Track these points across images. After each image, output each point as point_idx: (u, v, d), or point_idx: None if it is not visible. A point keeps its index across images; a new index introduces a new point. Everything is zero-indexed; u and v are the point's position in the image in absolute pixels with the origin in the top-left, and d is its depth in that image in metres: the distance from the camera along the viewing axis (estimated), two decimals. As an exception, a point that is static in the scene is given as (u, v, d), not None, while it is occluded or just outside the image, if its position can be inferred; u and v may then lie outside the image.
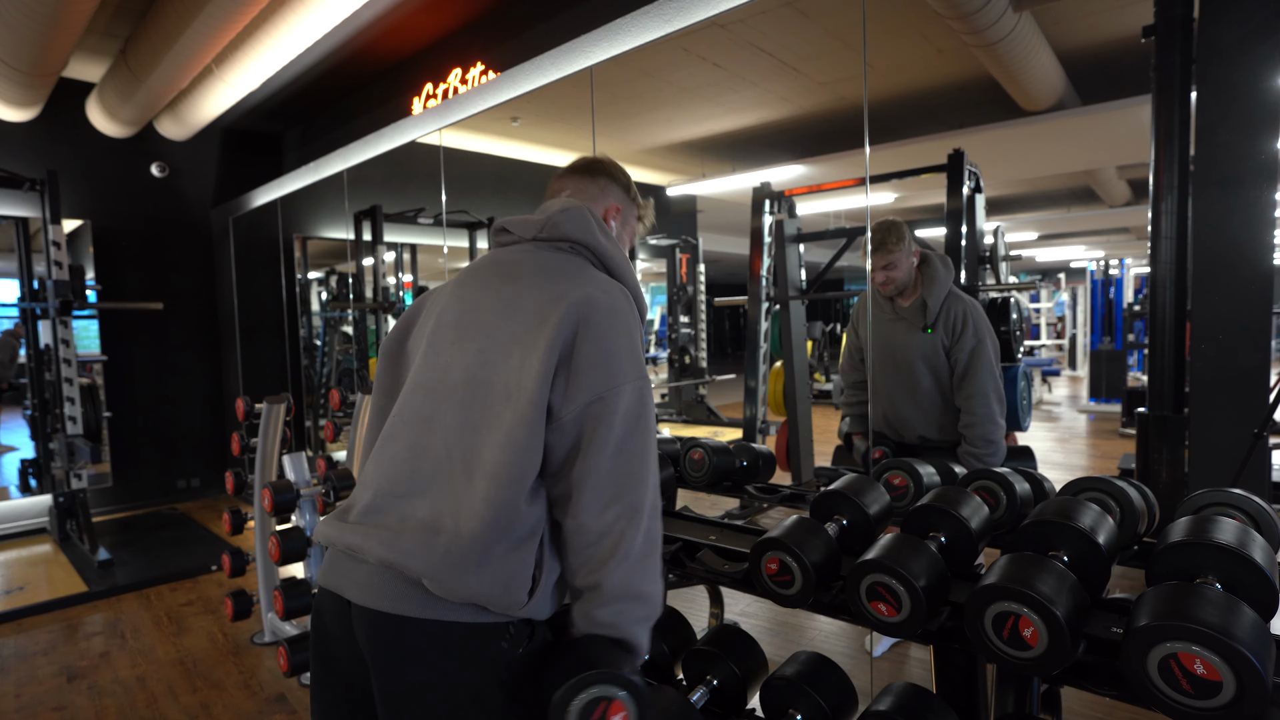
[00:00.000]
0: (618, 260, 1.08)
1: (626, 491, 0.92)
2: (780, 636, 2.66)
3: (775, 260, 4.04)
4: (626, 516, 0.91)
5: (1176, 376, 2.00)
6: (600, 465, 0.91)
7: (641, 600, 0.92)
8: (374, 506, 0.95)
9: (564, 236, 1.05)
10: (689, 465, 1.82)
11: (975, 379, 2.17)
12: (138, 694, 2.46)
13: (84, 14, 3.12)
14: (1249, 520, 1.15)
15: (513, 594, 0.89)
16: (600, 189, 1.18)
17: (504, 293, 1.01)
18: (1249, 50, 1.70)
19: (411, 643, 0.89)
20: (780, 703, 1.18)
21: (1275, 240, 1.74)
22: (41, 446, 4.76)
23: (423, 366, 1.01)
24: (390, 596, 0.89)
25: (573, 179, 1.18)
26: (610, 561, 0.90)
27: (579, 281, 0.99)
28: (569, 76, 2.58)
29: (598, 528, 0.91)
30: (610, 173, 1.20)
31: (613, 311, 0.97)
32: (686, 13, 2.12)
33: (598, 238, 1.06)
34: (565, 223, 1.05)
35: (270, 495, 2.44)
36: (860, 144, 2.20)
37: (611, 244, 1.08)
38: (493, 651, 0.90)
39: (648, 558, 0.93)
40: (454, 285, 1.08)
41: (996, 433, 2.16)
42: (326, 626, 0.99)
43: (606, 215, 1.17)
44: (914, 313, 2.27)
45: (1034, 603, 0.90)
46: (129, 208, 5.06)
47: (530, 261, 1.04)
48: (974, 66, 4.03)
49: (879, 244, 2.24)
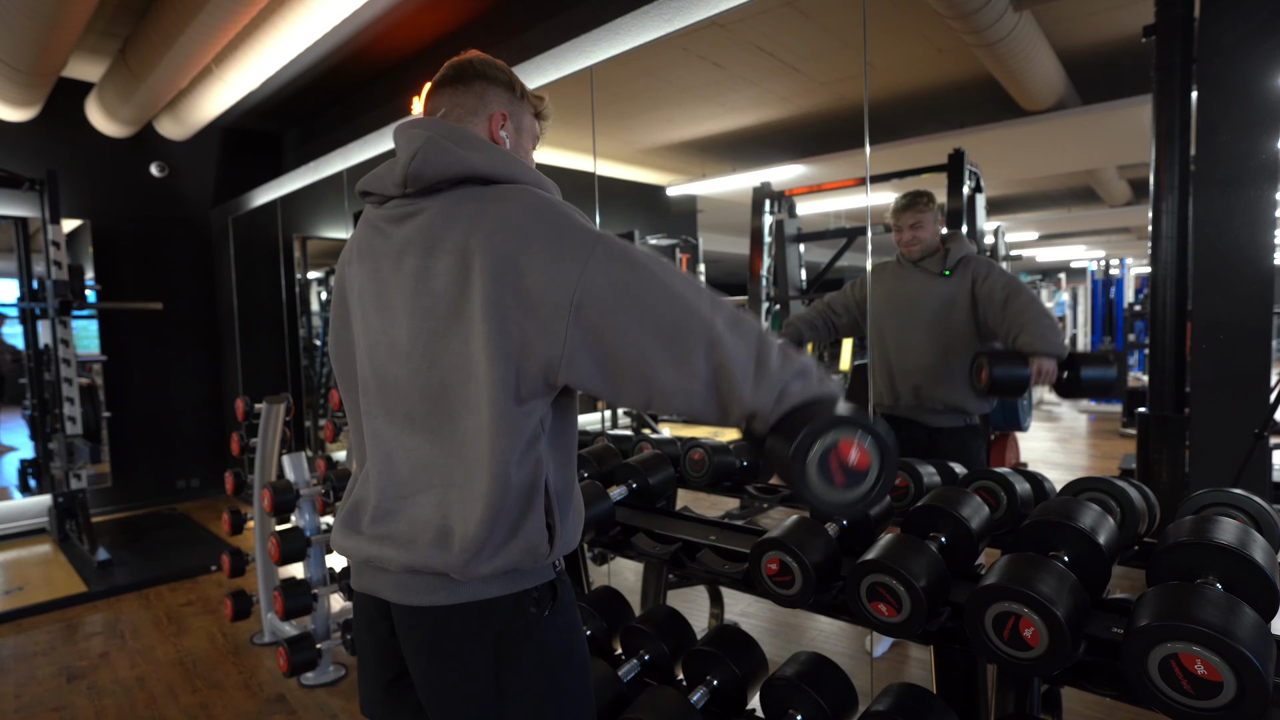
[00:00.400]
0: (507, 170, 0.89)
1: (687, 336, 0.80)
2: (780, 637, 2.66)
3: (775, 260, 4.04)
4: (713, 350, 0.80)
5: (1177, 376, 2.00)
6: (643, 350, 0.80)
7: (801, 375, 0.84)
8: (381, 511, 0.93)
9: (433, 181, 0.87)
10: (689, 465, 1.82)
11: (1019, 294, 2.03)
12: (137, 694, 2.46)
13: (83, 14, 3.11)
14: (1249, 520, 1.15)
15: (536, 552, 0.88)
16: (477, 97, 0.97)
17: (407, 261, 0.88)
18: (1250, 50, 1.70)
19: (448, 628, 0.89)
20: (780, 703, 1.18)
21: (1276, 240, 1.74)
22: (41, 446, 4.76)
23: (369, 355, 0.94)
24: (421, 590, 0.89)
25: (445, 92, 0.98)
26: (744, 387, 0.81)
27: (475, 216, 0.84)
28: (569, 76, 2.58)
29: (702, 389, 0.81)
30: (485, 73, 0.98)
31: (523, 215, 0.82)
32: (686, 12, 2.12)
33: (469, 161, 0.87)
34: (425, 167, 0.86)
35: (270, 495, 2.44)
36: (860, 144, 2.20)
37: (493, 156, 0.89)
38: (525, 619, 0.90)
39: (765, 356, 0.83)
40: (355, 259, 0.96)
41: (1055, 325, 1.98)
42: (368, 630, 1.00)
43: (492, 127, 0.97)
44: (933, 263, 2.23)
45: (1034, 603, 0.90)
46: (128, 207, 5.06)
47: (418, 219, 0.88)
48: (974, 66, 4.03)
49: (911, 202, 2.21)
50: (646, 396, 0.83)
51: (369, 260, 0.94)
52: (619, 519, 1.59)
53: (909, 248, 2.25)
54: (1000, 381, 1.93)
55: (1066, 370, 1.94)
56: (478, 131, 0.96)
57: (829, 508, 0.81)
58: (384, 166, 0.93)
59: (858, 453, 0.81)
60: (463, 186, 0.88)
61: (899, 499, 1.47)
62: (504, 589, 0.89)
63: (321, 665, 2.46)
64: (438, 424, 0.88)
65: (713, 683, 1.29)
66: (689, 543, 1.45)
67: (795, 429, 0.80)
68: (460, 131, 0.90)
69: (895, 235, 2.28)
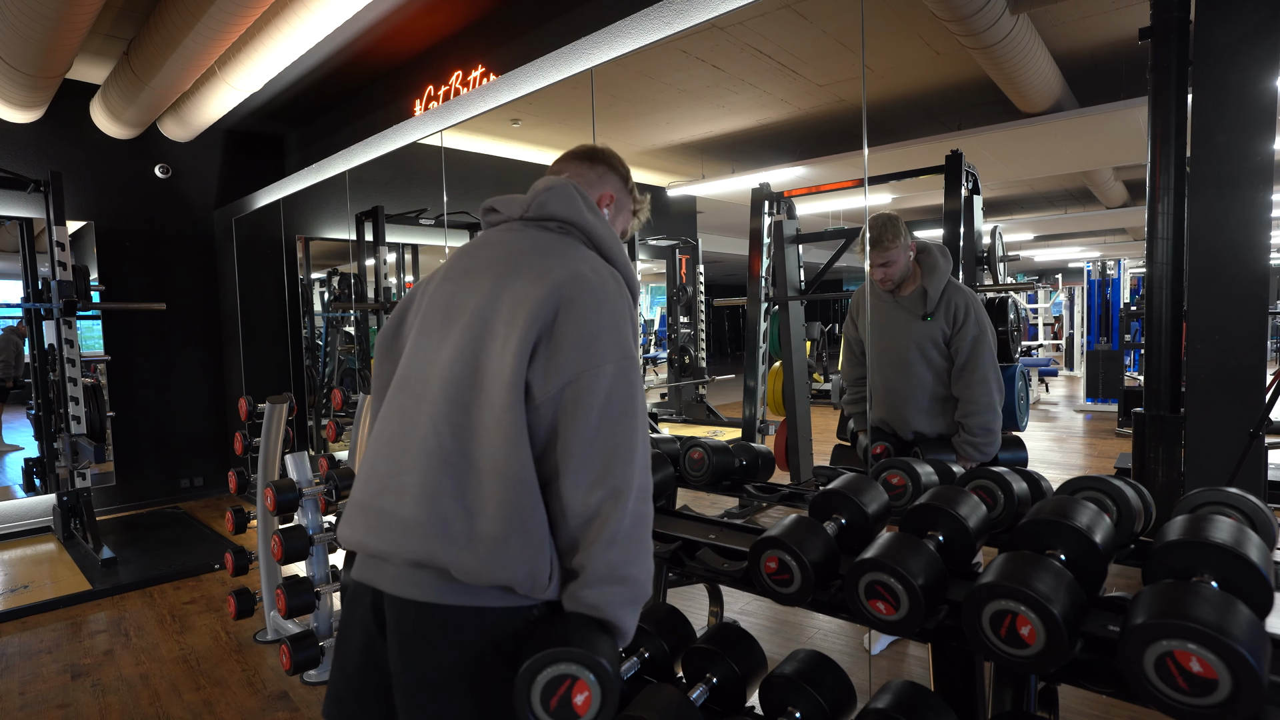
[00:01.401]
0: (608, 241, 1.05)
1: (610, 473, 0.90)
2: (779, 635, 2.67)
3: (774, 261, 4.05)
4: (611, 499, 0.90)
5: (1173, 376, 2.01)
6: (579, 447, 0.90)
7: (626, 583, 0.91)
8: (383, 505, 0.95)
9: (550, 215, 1.03)
10: (689, 465, 1.84)
11: (977, 368, 2.18)
12: (141, 692, 2.47)
13: (88, 16, 3.13)
14: (1245, 519, 1.16)
15: (536, 580, 0.90)
16: (598, 176, 1.16)
17: (491, 273, 1.00)
18: (1245, 52, 1.71)
19: (442, 627, 0.90)
20: (779, 701, 1.19)
21: (1271, 241, 1.75)
22: (45, 446, 4.77)
23: (413, 353, 1.02)
24: (421, 586, 0.91)
25: (571, 164, 1.17)
26: (595, 544, 0.90)
27: (566, 260, 0.98)
28: (569, 78, 2.59)
29: (581, 510, 0.90)
30: (609, 162, 1.18)
31: (598, 291, 0.96)
32: (686, 15, 2.13)
33: (586, 216, 1.04)
34: (551, 201, 1.03)
35: (273, 494, 2.45)
36: (859, 145, 2.21)
37: (602, 223, 1.06)
38: (521, 632, 0.92)
39: (634, 540, 0.92)
40: (444, 270, 1.08)
41: (995, 422, 2.17)
42: (354, 620, 1.01)
43: (600, 201, 1.15)
44: (913, 301, 2.27)
45: (1031, 601, 0.91)
46: (132, 209, 5.07)
47: (518, 241, 1.03)
48: (972, 69, 4.04)
49: (875, 240, 2.24)
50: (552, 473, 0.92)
51: (463, 261, 1.06)
52: (621, 518, 1.60)
53: (883, 283, 2.30)
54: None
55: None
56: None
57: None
58: (516, 195, 1.08)
59: (584, 697, 0.86)
60: (569, 234, 1.03)
61: (897, 498, 1.48)
62: (504, 601, 0.91)
63: (324, 663, 2.47)
64: (463, 409, 0.93)
65: (712, 680, 1.30)
66: (689, 541, 1.46)
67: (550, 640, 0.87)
68: (587, 194, 1.07)
69: (868, 268, 2.31)
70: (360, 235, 4.95)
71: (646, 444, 0.96)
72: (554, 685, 0.85)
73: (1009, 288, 3.61)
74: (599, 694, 0.87)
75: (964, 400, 2.20)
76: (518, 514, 0.88)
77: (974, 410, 2.18)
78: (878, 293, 2.36)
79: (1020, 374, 2.80)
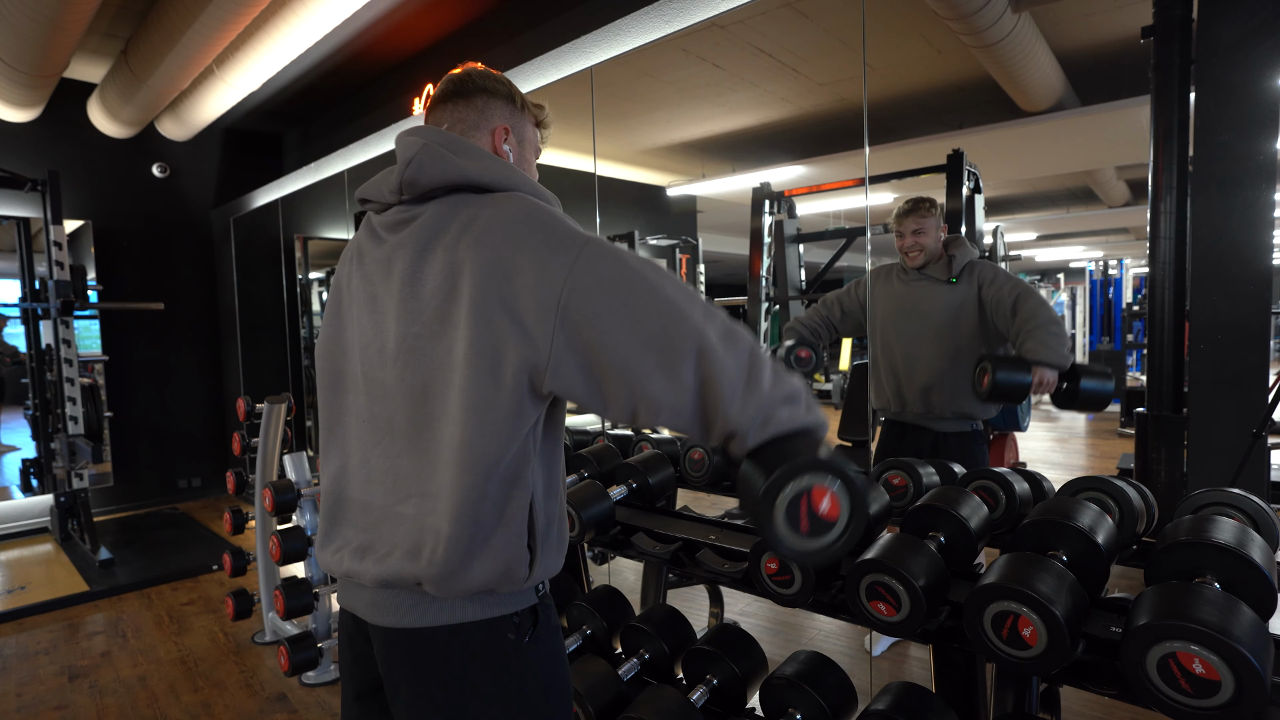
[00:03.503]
0: (511, 178, 0.88)
1: (677, 345, 0.76)
2: (780, 636, 2.67)
3: (775, 260, 4.04)
4: (703, 361, 0.77)
5: (1175, 376, 2.00)
6: (629, 358, 0.76)
7: (790, 402, 0.80)
8: (359, 522, 0.91)
9: (428, 188, 0.87)
10: (689, 465, 1.83)
11: (1029, 298, 2.03)
12: (139, 693, 2.47)
13: (85, 15, 3.12)
14: (1248, 520, 1.15)
15: (513, 574, 0.84)
16: (479, 112, 0.97)
17: (397, 267, 0.87)
18: (1248, 50, 1.71)
19: (423, 652, 0.86)
20: (780, 702, 1.19)
21: (1274, 240, 1.75)
22: (43, 446, 4.76)
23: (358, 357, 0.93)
24: (395, 610, 0.87)
25: (446, 107, 0.97)
26: (726, 407, 0.77)
27: (467, 221, 0.83)
28: (569, 77, 2.59)
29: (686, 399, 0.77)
30: (485, 87, 0.97)
31: (513, 220, 0.82)
32: (686, 14, 2.13)
33: (465, 169, 0.86)
34: (419, 174, 0.86)
35: (271, 495, 2.44)
36: (860, 144, 2.20)
37: (490, 164, 0.88)
38: (503, 645, 0.88)
39: (756, 374, 0.79)
40: (353, 263, 0.96)
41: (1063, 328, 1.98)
42: (347, 644, 0.99)
43: (495, 140, 0.97)
44: (938, 269, 2.23)
45: (1033, 602, 0.90)
46: (130, 208, 5.06)
47: (412, 226, 0.88)
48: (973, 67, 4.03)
49: (914, 206, 2.20)
50: (632, 407, 0.79)
51: (364, 264, 0.93)
52: (619, 518, 1.60)
53: (911, 254, 2.24)
54: (1001, 387, 1.93)
55: (1066, 381, 1.93)
56: (481, 145, 0.95)
57: (788, 553, 0.79)
58: (382, 174, 0.92)
59: (829, 502, 0.78)
60: (458, 194, 0.87)
61: (899, 499, 1.47)
62: (482, 613, 0.86)
63: (323, 664, 2.46)
64: (418, 431, 0.85)
65: (712, 682, 1.29)
66: (689, 542, 1.45)
67: (772, 464, 0.77)
68: (457, 140, 0.90)
69: (897, 241, 2.28)
70: (359, 235, 4.93)
71: (684, 288, 0.81)
72: (794, 508, 0.77)
73: (1010, 287, 3.60)
74: (844, 493, 0.78)
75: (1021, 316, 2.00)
76: (480, 515, 0.81)
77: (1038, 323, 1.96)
78: (896, 277, 2.32)
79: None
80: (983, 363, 1.99)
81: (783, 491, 0.76)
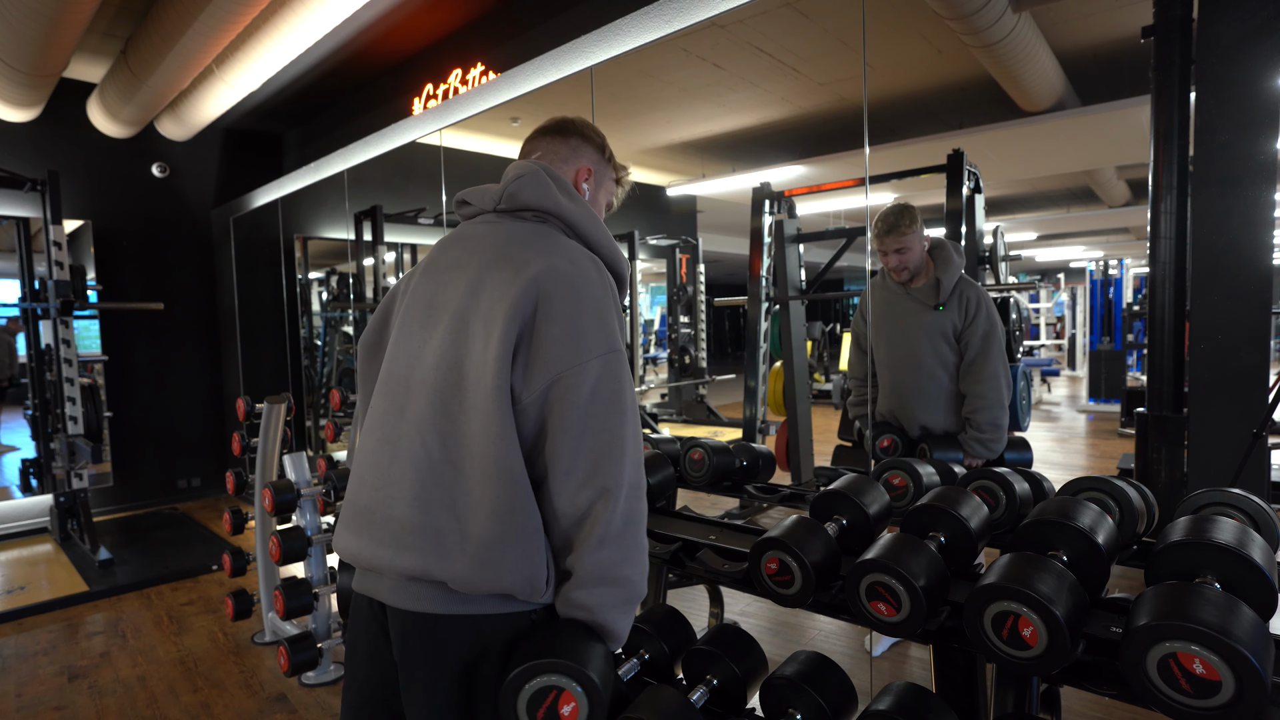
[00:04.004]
0: (587, 224, 1.00)
1: (599, 472, 0.88)
2: (780, 636, 2.67)
3: (775, 260, 4.04)
4: (601, 498, 0.87)
5: (1176, 376, 2.00)
6: (566, 446, 0.87)
7: (618, 584, 0.89)
8: (374, 513, 0.93)
9: (524, 205, 0.99)
10: (689, 465, 1.83)
11: (987, 363, 2.16)
12: (138, 693, 2.47)
13: (85, 14, 3.12)
14: (1248, 520, 1.15)
15: (535, 585, 0.89)
16: (572, 149, 1.11)
17: (468, 271, 0.96)
18: (1248, 50, 1.70)
19: (444, 636, 0.89)
20: (780, 702, 1.19)
21: (1274, 240, 1.75)
22: (42, 446, 4.77)
23: (395, 355, 0.99)
24: (420, 597, 0.90)
25: (544, 140, 1.12)
26: (586, 544, 0.88)
27: (543, 251, 0.94)
28: (569, 77, 2.58)
29: (571, 510, 0.88)
30: (583, 132, 1.12)
31: (578, 282, 0.92)
32: (686, 13, 2.13)
33: (560, 202, 0.99)
34: (522, 190, 0.99)
35: (271, 495, 2.44)
36: (860, 144, 2.20)
37: (580, 207, 1.01)
38: (520, 636, 0.91)
39: (625, 540, 0.89)
40: (423, 266, 1.05)
41: (1003, 418, 2.14)
42: (359, 629, 1.00)
43: (577, 177, 1.10)
44: (926, 292, 2.25)
45: (1033, 602, 0.90)
46: (130, 208, 5.06)
47: (494, 234, 0.99)
48: (974, 67, 4.03)
49: (892, 226, 2.22)
50: (541, 475, 0.90)
51: (441, 258, 1.02)
52: (619, 519, 1.59)
53: (898, 273, 2.28)
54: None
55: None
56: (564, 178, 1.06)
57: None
58: (488, 185, 1.04)
59: (570, 708, 0.85)
60: (546, 223, 0.99)
61: (899, 499, 1.47)
62: (503, 607, 0.90)
63: (322, 664, 2.46)
64: (447, 416, 0.90)
65: (712, 682, 1.29)
66: (689, 542, 1.45)
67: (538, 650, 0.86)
68: (561, 178, 1.02)
69: (881, 259, 2.30)
70: (359, 235, 4.94)
71: (638, 439, 0.93)
72: (540, 697, 0.84)
73: (1011, 287, 3.60)
74: (585, 705, 0.86)
75: (972, 395, 2.18)
76: (511, 520, 0.87)
77: (982, 406, 2.15)
78: (889, 285, 2.34)
79: (1022, 374, 2.80)
80: (922, 445, 2.23)
81: (528, 684, 0.84)
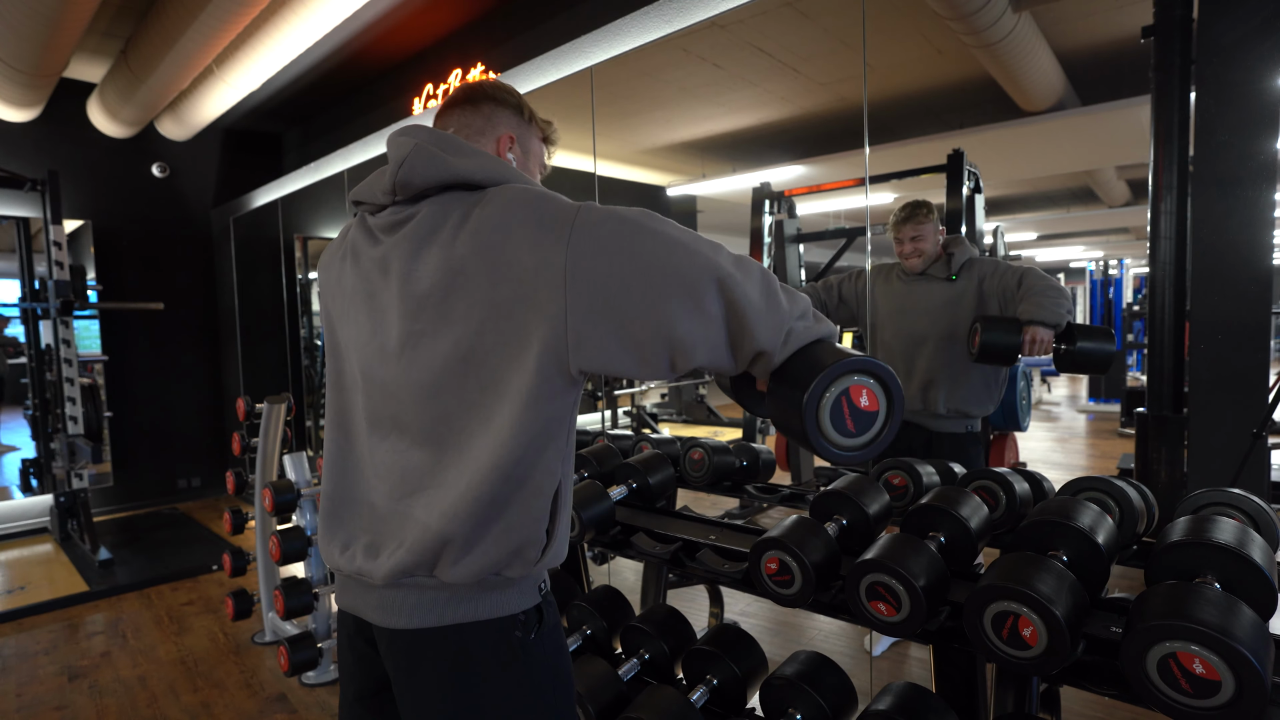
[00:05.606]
0: (504, 172, 0.87)
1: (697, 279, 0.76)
2: (780, 636, 2.66)
3: (775, 260, 4.04)
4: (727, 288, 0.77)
5: (1176, 376, 2.00)
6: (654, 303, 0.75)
7: (805, 313, 0.83)
8: (366, 520, 0.91)
9: (423, 188, 0.86)
10: (689, 465, 1.83)
11: (1033, 273, 2.02)
12: (139, 693, 2.47)
13: (85, 14, 3.12)
14: (1248, 520, 1.15)
15: (525, 555, 0.85)
16: (485, 119, 0.98)
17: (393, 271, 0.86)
18: (1248, 50, 1.70)
19: (432, 651, 0.87)
20: (780, 702, 1.19)
21: (1274, 240, 1.75)
22: (43, 446, 4.77)
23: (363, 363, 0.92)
24: (404, 612, 0.87)
25: (454, 113, 0.98)
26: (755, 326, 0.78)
27: (463, 219, 0.82)
28: (569, 77, 2.59)
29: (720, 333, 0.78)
30: (495, 96, 0.99)
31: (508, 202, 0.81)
32: (686, 13, 2.13)
33: (458, 168, 0.85)
34: (414, 175, 0.84)
35: (271, 495, 2.44)
36: (860, 144, 2.20)
37: (486, 162, 0.87)
38: (510, 640, 0.89)
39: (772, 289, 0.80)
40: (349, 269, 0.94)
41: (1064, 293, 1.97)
42: (348, 646, 0.99)
43: (499, 147, 0.98)
44: (938, 268, 2.23)
45: (1033, 602, 0.90)
46: (130, 208, 5.06)
47: (407, 227, 0.86)
48: (974, 67, 4.03)
49: (910, 214, 2.21)
50: (668, 355, 0.77)
51: (360, 264, 0.92)
52: (619, 519, 1.60)
53: (911, 260, 2.25)
54: (990, 348, 1.94)
55: (1064, 343, 1.93)
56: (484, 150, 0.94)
57: (841, 454, 0.81)
58: (374, 175, 0.91)
59: (867, 396, 0.82)
60: (451, 192, 0.86)
61: (899, 499, 1.47)
62: (490, 612, 0.86)
63: (322, 664, 2.46)
64: (431, 426, 0.85)
65: (712, 682, 1.29)
66: (689, 542, 1.45)
67: (803, 375, 0.79)
68: (448, 138, 0.89)
69: (896, 247, 2.28)
70: (359, 234, 4.93)
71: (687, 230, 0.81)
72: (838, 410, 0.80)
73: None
74: (878, 385, 0.82)
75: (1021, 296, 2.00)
76: (499, 494, 0.82)
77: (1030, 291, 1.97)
78: (895, 279, 2.32)
79: (1022, 374, 2.79)
80: (974, 324, 2.01)
81: (824, 397, 0.79)
